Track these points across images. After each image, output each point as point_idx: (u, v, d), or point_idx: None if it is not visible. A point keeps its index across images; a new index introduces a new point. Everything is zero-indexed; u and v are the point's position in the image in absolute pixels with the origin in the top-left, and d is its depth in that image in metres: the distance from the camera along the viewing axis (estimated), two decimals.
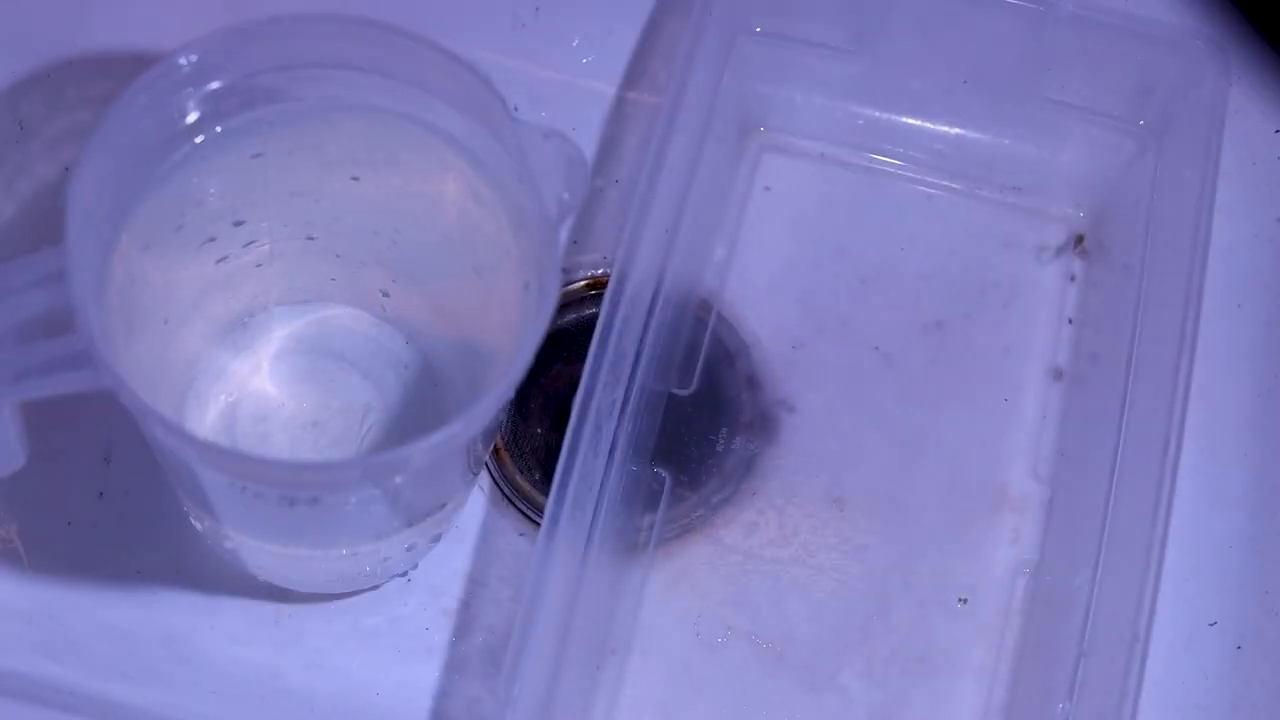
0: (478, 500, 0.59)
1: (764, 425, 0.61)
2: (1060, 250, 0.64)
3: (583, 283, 0.63)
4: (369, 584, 0.58)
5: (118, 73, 0.62)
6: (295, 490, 0.47)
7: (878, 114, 0.65)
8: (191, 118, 0.55)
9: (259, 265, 0.56)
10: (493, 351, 0.52)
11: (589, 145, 0.64)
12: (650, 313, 0.55)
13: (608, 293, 0.55)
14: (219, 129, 0.55)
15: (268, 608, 0.57)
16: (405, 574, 0.58)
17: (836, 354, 0.62)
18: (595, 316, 0.54)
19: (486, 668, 0.57)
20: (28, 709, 0.55)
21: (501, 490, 0.60)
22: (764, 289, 0.63)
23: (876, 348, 0.63)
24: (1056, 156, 0.64)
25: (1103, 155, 0.63)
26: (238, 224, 0.54)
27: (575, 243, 0.63)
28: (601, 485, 0.53)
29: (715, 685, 0.58)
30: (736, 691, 0.58)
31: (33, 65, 0.62)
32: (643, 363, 0.55)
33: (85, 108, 0.61)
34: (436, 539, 0.58)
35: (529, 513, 0.59)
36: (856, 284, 0.63)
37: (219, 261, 0.55)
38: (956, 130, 0.65)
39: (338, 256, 0.56)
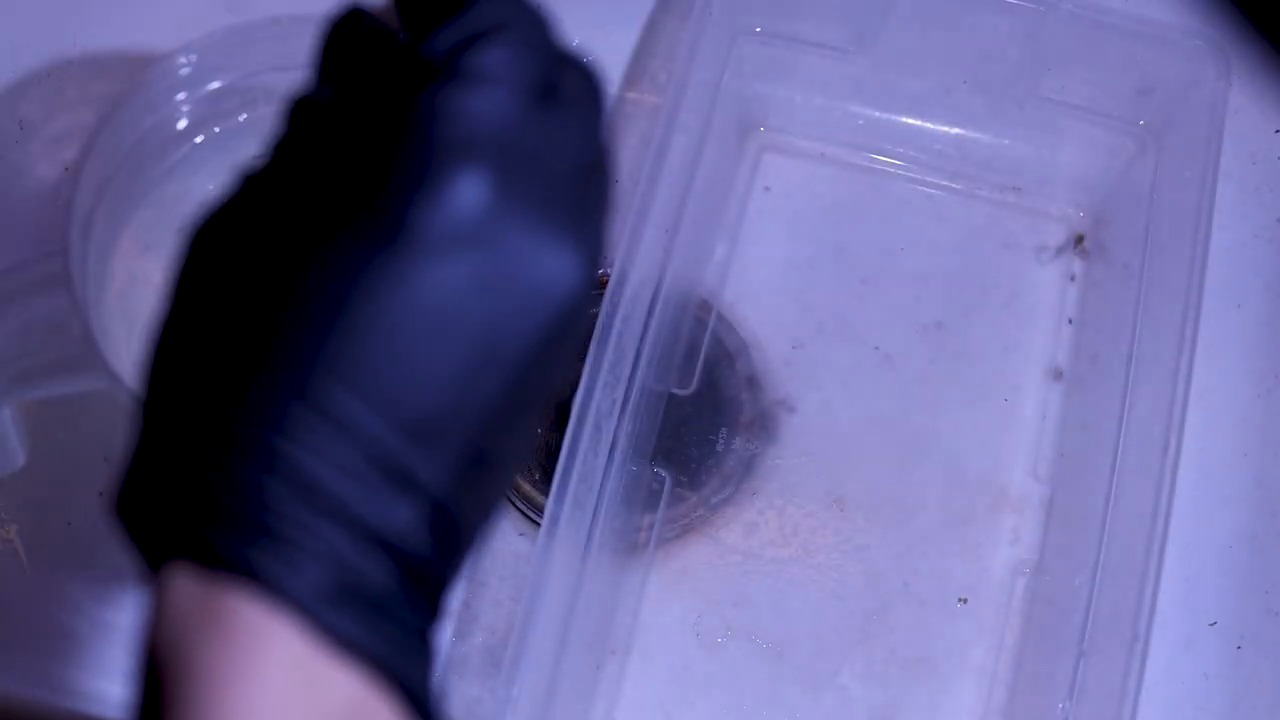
0: None
1: (764, 425, 0.61)
2: (1060, 250, 0.64)
3: None
4: None
5: (118, 73, 0.62)
6: None
7: (878, 114, 0.64)
8: (191, 118, 0.55)
9: None
10: None
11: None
12: (650, 313, 0.55)
13: (608, 293, 0.54)
14: (219, 129, 0.55)
15: None
16: None
17: (836, 354, 0.62)
18: (595, 316, 0.54)
19: (486, 668, 0.57)
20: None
21: None
22: (764, 289, 0.63)
23: (876, 348, 0.62)
24: (1056, 156, 0.64)
25: (1103, 155, 0.63)
26: None
27: None
28: (601, 485, 0.53)
29: (715, 685, 0.58)
30: (736, 692, 0.58)
31: (33, 65, 0.62)
32: (643, 363, 0.54)
33: (85, 108, 0.61)
34: None
35: (529, 513, 0.59)
36: (856, 284, 0.63)
37: None
38: (956, 130, 0.64)
39: None
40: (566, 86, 0.33)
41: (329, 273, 0.30)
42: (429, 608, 0.31)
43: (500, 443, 0.31)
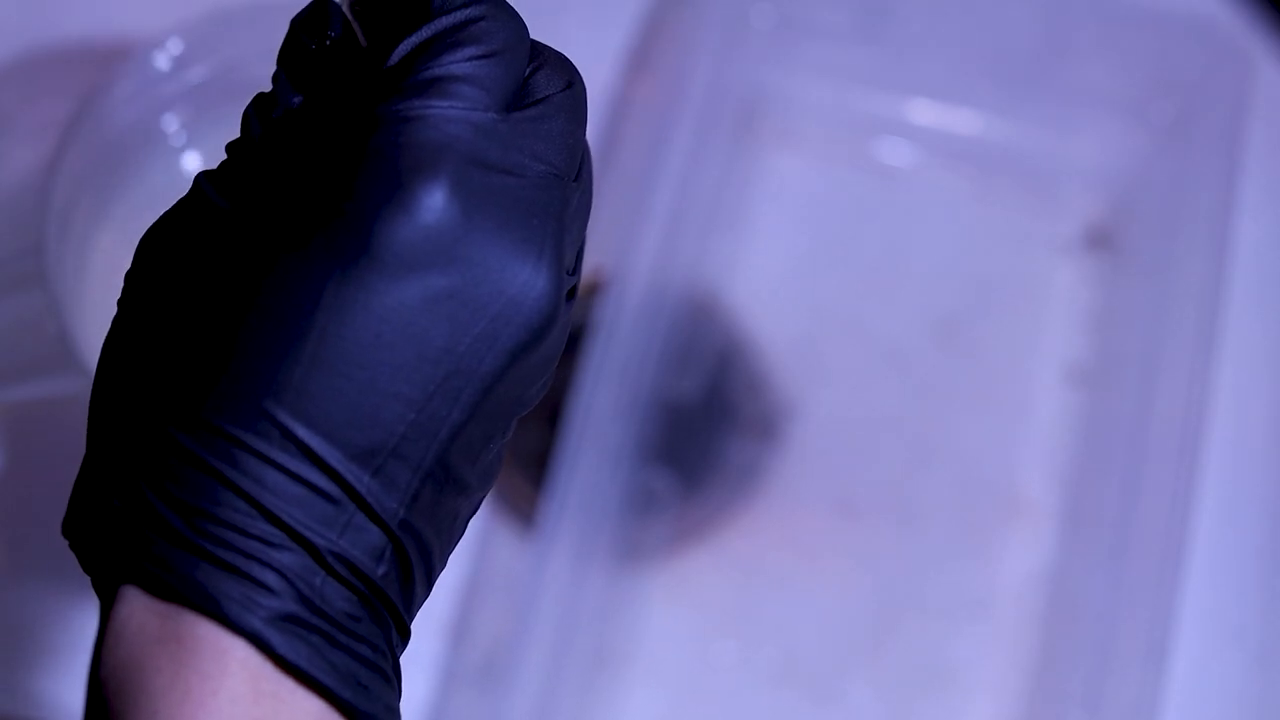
0: None
1: (768, 428, 0.61)
2: (1078, 247, 0.64)
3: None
4: None
5: (96, 62, 0.61)
6: None
7: (887, 106, 0.64)
8: (174, 108, 0.54)
9: None
10: None
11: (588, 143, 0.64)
12: (650, 313, 0.55)
13: (608, 293, 0.54)
14: (202, 119, 0.54)
15: None
16: None
17: (844, 354, 0.62)
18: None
19: (482, 680, 0.56)
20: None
21: (500, 494, 0.59)
22: (768, 287, 0.62)
23: (886, 348, 0.62)
24: (1075, 149, 0.64)
25: (1123, 148, 0.63)
26: None
27: None
28: (600, 490, 0.53)
29: (718, 699, 0.57)
30: (740, 705, 0.57)
31: (5, 54, 0.62)
32: (643, 363, 0.55)
33: (62, 99, 0.60)
34: None
35: (526, 518, 0.58)
36: (865, 282, 0.63)
37: None
38: (970, 122, 0.64)
39: None
40: (541, 91, 0.33)
41: (289, 288, 0.30)
42: (390, 632, 0.32)
43: (465, 464, 0.32)
